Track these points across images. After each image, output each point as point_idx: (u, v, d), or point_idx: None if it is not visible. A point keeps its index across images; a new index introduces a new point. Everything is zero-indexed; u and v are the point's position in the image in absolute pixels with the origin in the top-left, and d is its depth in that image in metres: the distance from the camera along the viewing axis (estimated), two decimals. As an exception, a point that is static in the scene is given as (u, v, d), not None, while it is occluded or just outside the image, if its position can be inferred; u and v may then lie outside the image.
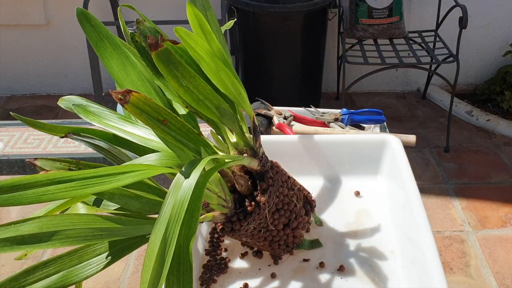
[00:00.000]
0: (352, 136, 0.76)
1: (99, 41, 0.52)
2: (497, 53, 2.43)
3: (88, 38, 0.51)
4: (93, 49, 0.51)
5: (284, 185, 0.59)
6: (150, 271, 0.38)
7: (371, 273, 0.59)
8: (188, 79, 0.44)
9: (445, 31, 2.20)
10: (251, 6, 2.00)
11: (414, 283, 0.56)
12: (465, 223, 1.69)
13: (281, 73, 2.19)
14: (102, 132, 0.54)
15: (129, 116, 0.55)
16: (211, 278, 0.60)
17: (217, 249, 0.64)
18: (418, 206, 0.59)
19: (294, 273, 0.60)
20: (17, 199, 0.38)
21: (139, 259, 1.56)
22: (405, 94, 2.58)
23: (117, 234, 0.44)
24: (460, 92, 2.52)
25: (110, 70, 0.52)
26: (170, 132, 0.45)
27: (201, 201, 0.42)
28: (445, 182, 1.91)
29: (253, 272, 0.61)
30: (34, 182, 0.39)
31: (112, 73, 0.52)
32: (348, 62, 2.00)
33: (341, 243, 0.64)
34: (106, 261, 0.46)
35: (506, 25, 2.38)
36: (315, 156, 0.75)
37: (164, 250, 0.39)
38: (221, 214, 0.55)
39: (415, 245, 0.58)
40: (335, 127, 0.85)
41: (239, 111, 0.54)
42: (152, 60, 0.43)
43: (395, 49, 2.09)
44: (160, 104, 0.44)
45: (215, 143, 0.56)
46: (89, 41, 0.52)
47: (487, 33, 2.40)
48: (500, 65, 2.41)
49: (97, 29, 0.51)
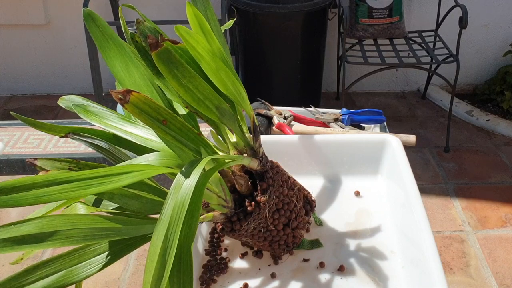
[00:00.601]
0: (352, 136, 0.76)
1: (104, 41, 0.52)
2: (497, 53, 2.43)
3: (93, 38, 0.52)
4: (93, 49, 0.51)
5: (284, 185, 0.59)
6: (153, 272, 0.38)
7: (371, 273, 0.59)
8: (188, 79, 0.44)
9: (445, 31, 2.21)
10: (251, 6, 2.00)
11: (414, 283, 0.56)
12: (465, 223, 1.69)
13: (281, 73, 2.19)
14: (102, 132, 0.54)
15: (129, 116, 0.55)
16: (211, 278, 0.60)
17: (217, 249, 0.64)
18: (418, 206, 0.59)
19: (294, 273, 0.60)
20: (17, 200, 0.38)
21: (139, 259, 1.56)
22: (405, 94, 2.58)
23: (117, 234, 0.44)
24: (460, 92, 2.52)
25: (113, 70, 0.52)
26: (170, 132, 0.45)
27: (202, 201, 0.42)
28: (445, 182, 1.91)
29: (253, 272, 0.61)
30: (34, 183, 0.39)
31: (115, 73, 0.52)
32: (348, 62, 2.00)
33: (341, 243, 0.64)
34: (106, 260, 0.46)
35: (506, 25, 2.38)
36: (315, 156, 0.75)
37: (165, 251, 0.39)
38: (221, 214, 0.55)
39: (415, 245, 0.58)
40: (335, 127, 0.85)
41: (239, 111, 0.54)
42: (152, 60, 0.43)
43: (395, 49, 2.09)
44: (161, 104, 0.44)
45: (215, 143, 0.56)
46: (94, 41, 0.52)
47: (487, 33, 2.40)
48: (500, 65, 2.41)
49: (102, 29, 0.52)
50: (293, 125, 0.83)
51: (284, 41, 2.08)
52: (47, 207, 0.51)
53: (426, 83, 2.48)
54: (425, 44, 2.14)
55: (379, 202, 0.71)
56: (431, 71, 2.12)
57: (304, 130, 0.81)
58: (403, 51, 2.06)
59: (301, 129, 0.82)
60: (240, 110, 0.55)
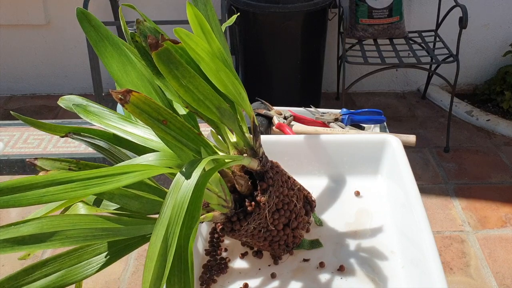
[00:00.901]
0: (352, 136, 0.76)
1: (99, 41, 0.52)
2: (497, 53, 2.43)
3: (88, 38, 0.51)
4: (93, 49, 0.51)
5: (284, 185, 0.59)
6: (152, 271, 0.38)
7: (371, 273, 0.59)
8: (188, 79, 0.44)
9: (445, 31, 2.21)
10: (251, 6, 2.00)
11: (414, 283, 0.56)
12: (465, 223, 1.69)
13: (281, 73, 2.19)
14: (102, 132, 0.54)
15: (129, 116, 0.55)
16: (211, 278, 0.60)
17: (217, 249, 0.64)
18: (418, 206, 0.59)
19: (294, 273, 0.60)
20: (18, 200, 0.38)
21: (139, 259, 1.56)
22: (405, 94, 2.58)
23: (117, 234, 0.44)
24: (460, 92, 2.52)
25: (110, 70, 0.52)
26: (170, 132, 0.45)
27: (201, 201, 0.42)
28: (445, 182, 1.91)
29: (253, 272, 0.61)
30: (35, 183, 0.39)
31: (112, 73, 0.52)
32: (348, 62, 2.00)
33: (341, 243, 0.64)
34: (106, 260, 0.46)
35: (506, 25, 2.38)
36: (315, 156, 0.75)
37: (165, 251, 0.39)
38: (221, 214, 0.55)
39: (415, 245, 0.58)
40: (335, 127, 0.85)
41: (239, 111, 0.54)
42: (152, 60, 0.43)
43: (395, 49, 2.09)
44: (160, 104, 0.44)
45: (215, 143, 0.56)
46: (89, 41, 0.52)
47: (487, 33, 2.41)
48: (500, 65, 2.41)
49: (97, 29, 0.51)
50: (293, 125, 0.83)
51: (284, 41, 2.08)
52: (47, 207, 0.51)
53: (426, 83, 2.48)
54: (425, 44, 2.14)
55: (379, 202, 0.71)
56: (431, 71, 2.12)
57: (304, 130, 0.81)
58: (403, 51, 2.06)
59: (301, 129, 0.82)
60: (240, 110, 0.55)
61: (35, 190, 0.39)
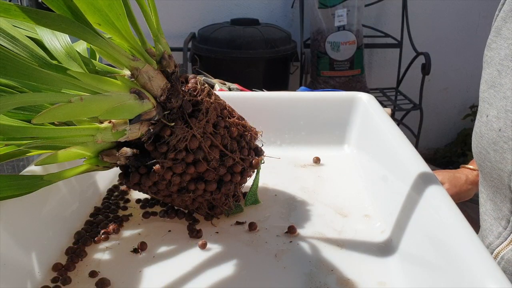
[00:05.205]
0: (317, 94, 0.62)
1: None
2: (456, 117, 2.44)
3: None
4: None
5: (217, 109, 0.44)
6: None
7: (323, 234, 0.43)
8: None
9: (407, 85, 2.18)
10: (213, 52, 1.95)
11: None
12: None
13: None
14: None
15: None
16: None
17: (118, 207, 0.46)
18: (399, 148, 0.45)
19: (225, 237, 0.43)
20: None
21: None
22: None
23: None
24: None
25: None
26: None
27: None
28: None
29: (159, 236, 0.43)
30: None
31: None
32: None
33: (293, 206, 0.48)
34: None
35: (464, 89, 2.41)
36: (273, 116, 0.60)
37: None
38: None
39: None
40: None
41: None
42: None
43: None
44: None
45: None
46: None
47: (446, 97, 2.42)
48: (459, 129, 2.41)
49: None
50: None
51: (247, 88, 2.00)
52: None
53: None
54: (387, 98, 2.11)
55: (342, 169, 0.55)
56: (397, 120, 2.06)
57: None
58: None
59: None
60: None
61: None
